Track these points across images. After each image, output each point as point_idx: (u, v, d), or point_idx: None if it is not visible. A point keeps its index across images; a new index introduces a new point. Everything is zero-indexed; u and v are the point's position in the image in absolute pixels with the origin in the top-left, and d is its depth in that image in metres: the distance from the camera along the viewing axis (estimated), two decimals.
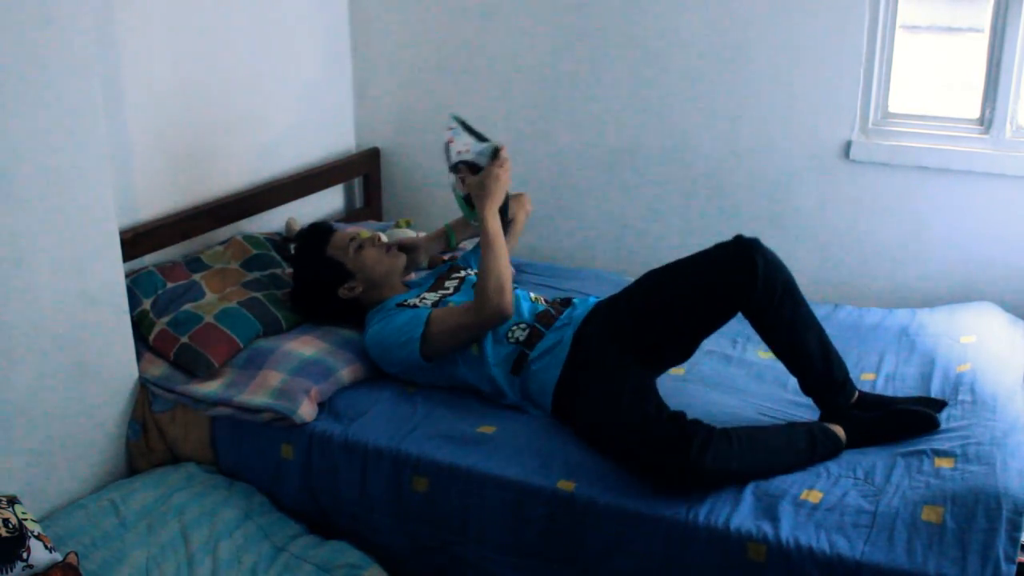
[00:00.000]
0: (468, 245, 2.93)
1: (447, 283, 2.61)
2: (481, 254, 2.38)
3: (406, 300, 2.51)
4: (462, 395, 2.39)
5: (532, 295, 2.56)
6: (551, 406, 2.28)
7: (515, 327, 2.39)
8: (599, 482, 2.03)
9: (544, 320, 2.41)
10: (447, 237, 2.78)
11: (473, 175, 2.48)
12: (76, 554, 1.93)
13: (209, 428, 2.37)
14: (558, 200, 3.43)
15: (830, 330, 2.39)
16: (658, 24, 3.15)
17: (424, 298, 2.51)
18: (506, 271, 2.34)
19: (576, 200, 3.42)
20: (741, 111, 3.13)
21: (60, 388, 2.20)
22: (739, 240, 2.19)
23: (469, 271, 2.67)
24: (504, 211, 2.54)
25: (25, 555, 1.81)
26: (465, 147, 2.50)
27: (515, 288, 2.60)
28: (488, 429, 2.23)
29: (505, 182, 2.47)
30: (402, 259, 2.61)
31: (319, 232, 2.62)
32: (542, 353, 2.32)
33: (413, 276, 2.77)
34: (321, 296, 2.58)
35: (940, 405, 2.25)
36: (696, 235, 3.19)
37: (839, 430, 2.13)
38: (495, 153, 2.47)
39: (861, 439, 2.14)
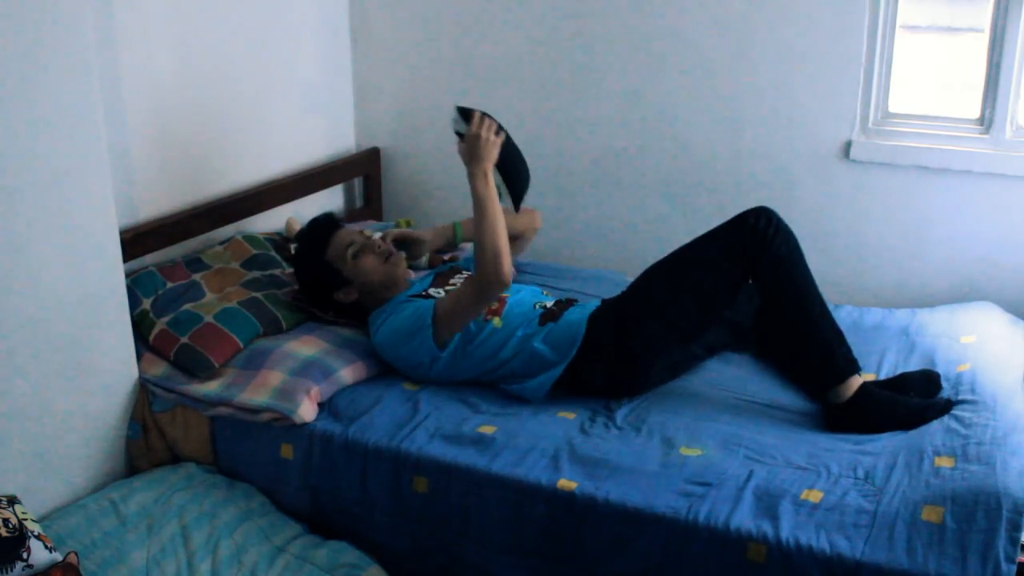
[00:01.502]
0: (469, 247, 2.93)
1: (452, 280, 2.62)
2: (474, 219, 2.36)
3: (414, 294, 2.51)
4: (463, 395, 2.39)
5: (544, 290, 2.62)
6: (585, 328, 2.37)
7: (539, 303, 2.51)
8: (599, 482, 2.03)
9: (565, 299, 2.58)
10: (453, 233, 2.78)
11: None
12: (76, 554, 1.93)
13: (209, 428, 2.37)
14: (558, 200, 3.43)
15: None
16: (659, 24, 3.15)
17: (428, 293, 2.51)
18: (501, 237, 2.33)
19: (576, 200, 3.42)
20: (741, 111, 3.12)
21: (60, 388, 2.20)
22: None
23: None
24: (518, 186, 2.50)
25: (25, 555, 1.82)
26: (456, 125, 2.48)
27: (524, 285, 2.61)
28: (488, 429, 2.23)
29: (488, 141, 2.37)
30: (402, 266, 2.60)
31: (320, 233, 2.61)
32: (573, 309, 2.47)
33: (413, 275, 2.77)
34: (320, 298, 2.60)
35: (936, 383, 2.32)
36: (696, 235, 3.19)
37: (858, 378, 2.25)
38: (466, 115, 2.42)
39: (873, 418, 2.19)
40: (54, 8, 2.05)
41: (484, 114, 2.42)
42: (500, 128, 2.43)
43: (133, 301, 2.47)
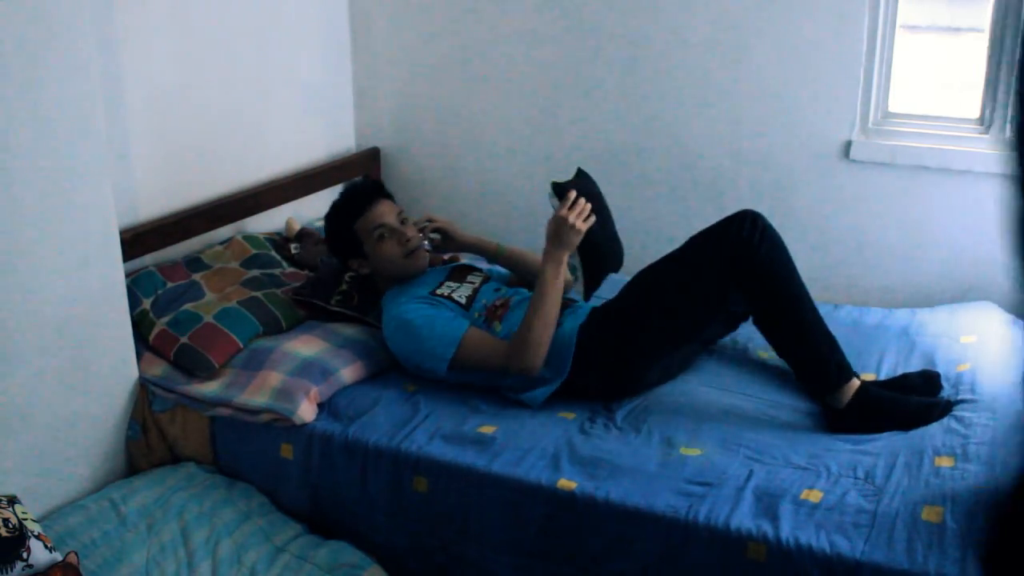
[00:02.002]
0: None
1: (468, 278, 2.61)
2: (531, 301, 2.33)
3: (436, 290, 2.49)
4: (463, 395, 2.39)
5: None
6: (578, 335, 2.34)
7: None
8: (599, 482, 2.03)
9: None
10: (494, 254, 2.71)
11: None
12: (76, 554, 1.93)
13: (209, 428, 2.37)
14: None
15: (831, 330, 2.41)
16: (658, 24, 3.15)
17: (452, 293, 2.50)
18: (548, 330, 2.29)
19: None
20: (741, 111, 3.12)
21: (60, 388, 2.20)
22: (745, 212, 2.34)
23: (490, 278, 2.66)
24: (595, 274, 2.39)
25: (25, 555, 1.81)
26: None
27: (519, 290, 2.60)
28: (488, 429, 2.23)
29: (572, 228, 2.26)
30: (422, 262, 2.56)
31: (358, 200, 2.56)
32: (566, 316, 2.43)
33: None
34: (337, 259, 2.63)
35: (937, 383, 2.31)
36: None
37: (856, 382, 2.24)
38: (559, 192, 2.33)
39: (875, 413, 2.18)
40: (55, 9, 2.05)
41: (582, 194, 2.30)
42: (595, 211, 2.32)
43: (133, 301, 2.47)
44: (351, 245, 2.55)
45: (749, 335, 2.65)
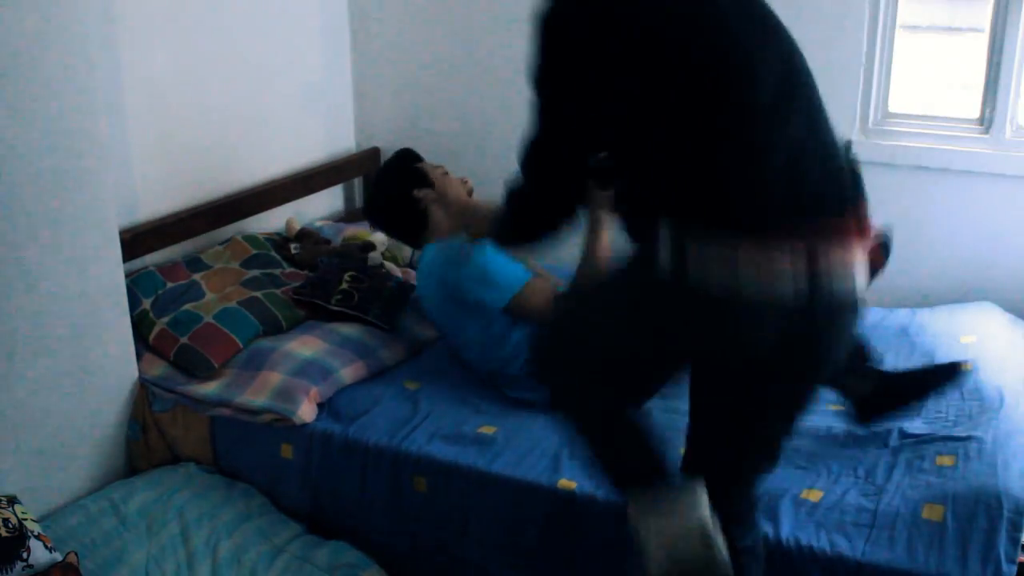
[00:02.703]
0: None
1: None
2: (580, 260, 2.33)
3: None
4: (463, 395, 2.39)
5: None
6: None
7: None
8: (599, 482, 2.03)
9: None
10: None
11: None
12: (76, 554, 1.93)
13: (209, 428, 2.37)
14: None
15: None
16: None
17: None
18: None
19: None
20: None
21: (60, 388, 2.20)
22: None
23: None
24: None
25: (25, 555, 1.82)
26: None
27: None
28: (488, 429, 2.23)
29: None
30: (480, 209, 2.55)
31: (414, 154, 2.66)
32: None
33: None
34: (396, 196, 2.55)
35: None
36: None
37: None
38: None
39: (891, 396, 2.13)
40: (55, 9, 2.05)
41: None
42: None
43: (133, 301, 2.47)
44: (418, 176, 2.55)
45: None
